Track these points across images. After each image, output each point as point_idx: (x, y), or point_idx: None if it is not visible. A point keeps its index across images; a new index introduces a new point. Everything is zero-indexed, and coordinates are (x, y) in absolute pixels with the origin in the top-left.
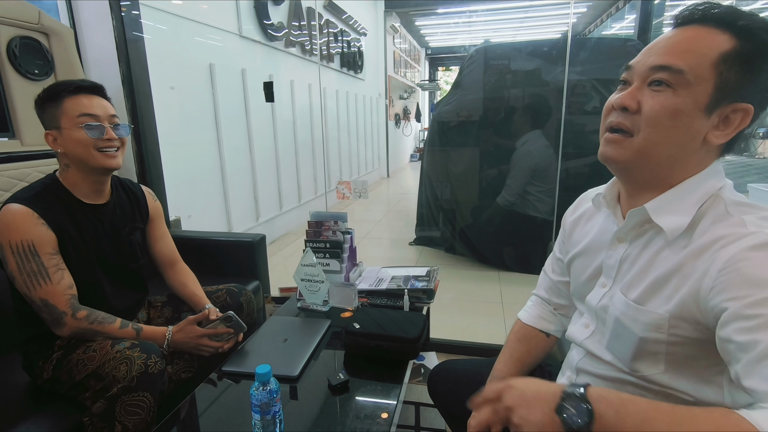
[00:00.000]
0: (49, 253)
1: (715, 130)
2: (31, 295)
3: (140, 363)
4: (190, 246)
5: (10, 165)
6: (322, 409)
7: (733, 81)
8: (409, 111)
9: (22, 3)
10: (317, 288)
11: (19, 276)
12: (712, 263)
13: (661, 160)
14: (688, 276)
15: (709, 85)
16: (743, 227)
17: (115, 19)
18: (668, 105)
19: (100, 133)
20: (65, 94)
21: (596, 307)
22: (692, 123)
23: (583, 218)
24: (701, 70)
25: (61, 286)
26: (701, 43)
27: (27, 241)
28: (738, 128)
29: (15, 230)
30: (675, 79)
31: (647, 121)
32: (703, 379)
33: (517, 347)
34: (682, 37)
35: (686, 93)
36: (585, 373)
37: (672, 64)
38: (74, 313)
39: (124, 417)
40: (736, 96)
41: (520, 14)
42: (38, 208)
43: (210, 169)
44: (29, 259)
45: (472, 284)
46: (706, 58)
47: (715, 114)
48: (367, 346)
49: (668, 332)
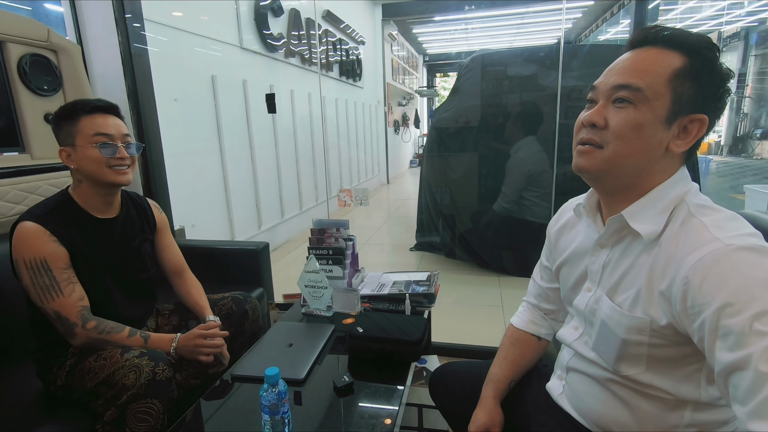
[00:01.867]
0: (61, 267)
1: (676, 140)
2: (44, 307)
3: (148, 371)
4: (195, 254)
5: (21, 178)
6: (327, 411)
7: (687, 95)
8: (408, 117)
9: (32, 21)
10: (321, 294)
11: (33, 289)
12: (678, 270)
13: (628, 168)
14: (659, 281)
15: (666, 99)
16: (706, 231)
17: (120, 34)
18: (631, 119)
19: (113, 151)
20: (82, 113)
21: (584, 311)
22: (654, 134)
23: (566, 227)
24: (657, 87)
25: (72, 299)
26: (655, 62)
27: (39, 258)
28: (696, 137)
29: (28, 247)
30: (635, 96)
31: (614, 134)
32: (681, 378)
33: (511, 350)
34: (638, 58)
35: (646, 108)
36: (574, 371)
37: (631, 83)
38: (84, 324)
39: (134, 424)
40: (691, 108)
41: (516, 21)
42: (50, 225)
43: (213, 178)
44: (42, 273)
45: (473, 288)
46: (660, 76)
47: (675, 125)
48: (370, 349)
49: (649, 335)
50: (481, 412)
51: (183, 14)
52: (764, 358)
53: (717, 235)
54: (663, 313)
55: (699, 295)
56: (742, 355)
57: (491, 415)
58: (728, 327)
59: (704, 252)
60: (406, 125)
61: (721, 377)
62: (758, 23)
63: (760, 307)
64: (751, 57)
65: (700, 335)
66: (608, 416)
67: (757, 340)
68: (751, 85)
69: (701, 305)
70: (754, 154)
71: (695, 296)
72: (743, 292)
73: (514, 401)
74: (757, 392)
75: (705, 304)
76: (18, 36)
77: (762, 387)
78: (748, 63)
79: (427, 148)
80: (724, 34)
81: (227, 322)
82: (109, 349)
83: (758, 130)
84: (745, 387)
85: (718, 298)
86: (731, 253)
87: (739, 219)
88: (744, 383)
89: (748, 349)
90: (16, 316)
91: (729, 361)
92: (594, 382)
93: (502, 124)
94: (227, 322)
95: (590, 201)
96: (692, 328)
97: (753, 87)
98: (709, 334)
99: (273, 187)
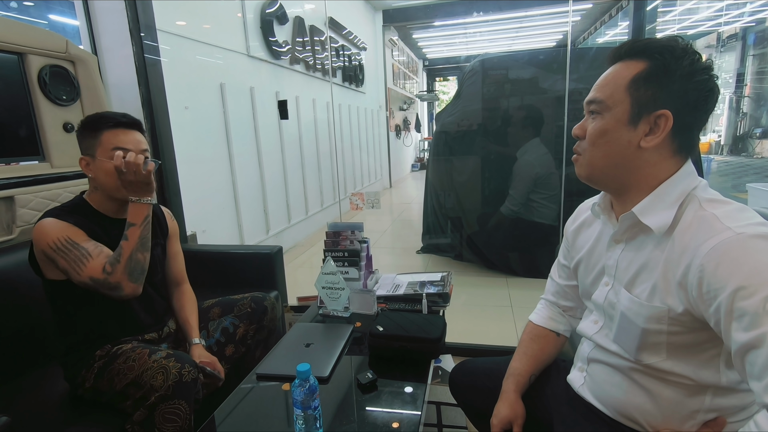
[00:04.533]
0: (84, 240)
1: (646, 137)
2: (81, 278)
3: (175, 372)
4: (210, 259)
5: (41, 186)
6: (353, 407)
7: (647, 95)
8: (409, 122)
9: (51, 33)
10: (338, 295)
11: (69, 267)
12: (693, 258)
13: (609, 169)
14: (675, 272)
15: (626, 104)
16: (717, 222)
17: (134, 44)
18: (597, 127)
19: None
20: (105, 127)
21: (603, 304)
22: (620, 136)
23: (583, 226)
24: (617, 96)
25: (100, 259)
26: (617, 75)
27: (63, 238)
28: (665, 130)
29: (50, 233)
30: (600, 107)
31: (588, 142)
32: (701, 363)
33: (531, 346)
34: (606, 74)
35: (609, 115)
36: (595, 362)
37: (596, 97)
38: (107, 271)
39: (162, 425)
40: (654, 106)
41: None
42: (68, 218)
43: (222, 184)
44: (70, 249)
45: (482, 289)
46: (619, 86)
47: (643, 123)
48: (391, 347)
49: (668, 324)
50: (503, 405)
51: (192, 24)
52: None
53: (729, 225)
54: (680, 301)
55: (714, 280)
56: (757, 334)
57: (513, 408)
58: (743, 309)
59: (717, 240)
60: (407, 129)
61: (738, 357)
62: (756, 23)
63: None
64: (749, 57)
65: (717, 318)
66: (630, 404)
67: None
68: (750, 85)
69: (717, 290)
70: (754, 153)
71: (710, 282)
72: (756, 276)
73: (534, 395)
74: None
75: (720, 288)
76: (38, 48)
77: None
78: (747, 63)
79: (432, 152)
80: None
81: (247, 320)
82: (138, 351)
83: (758, 129)
84: (761, 363)
85: (732, 282)
86: (743, 241)
87: (749, 210)
88: (760, 360)
89: (762, 328)
90: (42, 323)
91: (745, 341)
92: (616, 372)
93: (506, 126)
94: (247, 320)
95: (604, 200)
96: (709, 313)
97: (752, 86)
98: (725, 317)
99: (280, 192)
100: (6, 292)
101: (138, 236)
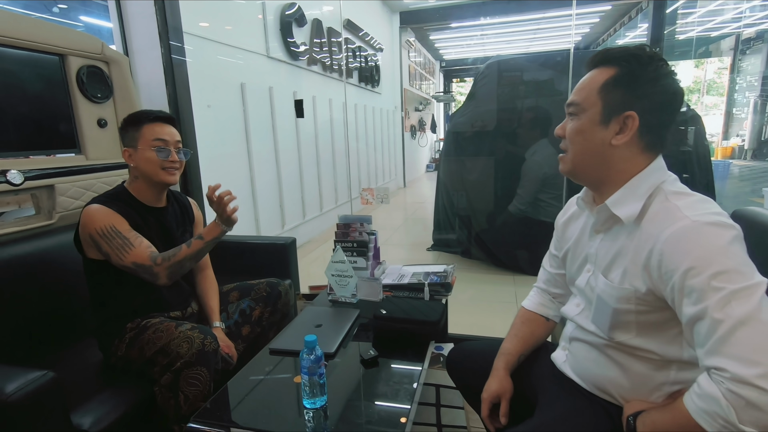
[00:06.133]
0: (126, 229)
1: (617, 135)
2: (124, 263)
3: (198, 342)
4: (229, 249)
5: (78, 177)
6: (356, 379)
7: (615, 98)
8: (425, 122)
9: (89, 36)
10: (346, 282)
11: (112, 252)
12: (654, 244)
13: (586, 165)
14: (641, 256)
15: (598, 106)
16: (678, 212)
17: (163, 46)
18: (574, 127)
19: (167, 155)
20: (146, 121)
21: (584, 289)
22: (593, 135)
23: (572, 219)
24: (590, 99)
25: (143, 247)
26: (591, 80)
27: (108, 225)
28: (632, 130)
29: (97, 220)
30: (576, 109)
31: (568, 141)
32: (667, 340)
33: (522, 328)
34: (582, 79)
35: (584, 116)
36: (576, 341)
37: (574, 100)
38: (155, 261)
39: (185, 388)
40: (623, 107)
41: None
42: (112, 206)
43: (241, 180)
44: (114, 236)
45: (488, 286)
46: (592, 90)
47: (613, 123)
48: (393, 329)
49: (635, 304)
50: (493, 381)
51: (215, 26)
52: (718, 307)
53: (687, 214)
54: (643, 282)
55: (670, 262)
56: (701, 307)
57: (502, 384)
58: (692, 286)
59: (675, 228)
60: (423, 130)
61: (688, 328)
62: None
63: (716, 268)
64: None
65: (672, 296)
66: (605, 377)
67: (713, 294)
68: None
69: (672, 271)
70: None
71: (667, 264)
72: (704, 258)
73: (523, 373)
74: (711, 335)
75: (675, 269)
76: (77, 49)
77: (716, 330)
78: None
79: (444, 152)
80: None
81: (263, 303)
82: (166, 324)
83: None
84: (703, 332)
85: (684, 263)
86: (697, 228)
87: (709, 201)
88: (703, 329)
89: (706, 302)
90: (78, 299)
91: (692, 314)
92: (593, 349)
93: (517, 128)
94: (263, 303)
95: (586, 195)
96: (666, 292)
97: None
98: (677, 294)
99: (296, 189)
100: (47, 272)
101: (198, 249)
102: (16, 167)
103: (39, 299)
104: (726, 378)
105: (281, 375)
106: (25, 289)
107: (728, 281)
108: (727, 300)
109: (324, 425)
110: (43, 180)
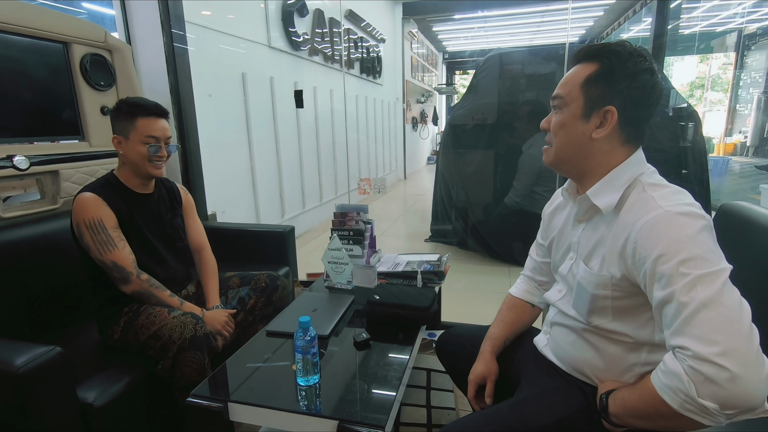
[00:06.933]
0: (113, 227)
1: (596, 129)
2: (103, 259)
3: (191, 327)
4: (228, 236)
5: (81, 163)
6: (348, 360)
7: (596, 93)
8: (426, 114)
9: (93, 24)
10: (342, 269)
11: (93, 245)
12: (630, 233)
13: (568, 157)
14: (617, 245)
15: (580, 100)
16: (653, 202)
17: (165, 35)
18: (558, 120)
19: (156, 150)
20: (140, 115)
21: (567, 276)
22: (575, 128)
23: (557, 209)
24: (573, 93)
25: (125, 252)
26: (575, 75)
27: (97, 218)
28: (611, 123)
29: (87, 210)
30: (560, 102)
31: (553, 133)
32: (640, 324)
33: (508, 314)
34: (567, 74)
35: (567, 110)
36: (556, 325)
37: (558, 94)
38: (139, 275)
39: (182, 368)
40: (603, 102)
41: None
42: (103, 195)
43: (242, 169)
44: (100, 231)
45: (483, 277)
46: (576, 85)
47: (594, 117)
48: (385, 314)
49: (611, 289)
50: (479, 364)
51: (217, 14)
52: (684, 291)
53: (660, 204)
54: (619, 269)
55: (643, 249)
56: (669, 291)
57: (488, 367)
58: (661, 272)
59: (649, 217)
60: (424, 122)
61: (657, 311)
62: None
63: (684, 255)
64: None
65: (644, 282)
66: (582, 359)
67: (680, 279)
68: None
69: (644, 258)
70: None
71: (640, 251)
72: (673, 245)
73: (508, 357)
74: (677, 317)
75: (647, 256)
76: (81, 38)
77: (681, 312)
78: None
79: (442, 144)
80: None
81: (260, 293)
82: (159, 309)
83: None
84: (670, 315)
85: (655, 250)
86: (669, 217)
87: (683, 193)
88: (670, 312)
89: (673, 286)
90: (81, 281)
91: (661, 297)
92: (572, 332)
93: (515, 121)
94: (259, 293)
95: (570, 186)
96: (639, 278)
97: None
98: (648, 279)
99: (296, 178)
100: (51, 255)
101: (172, 304)
102: (22, 153)
103: (44, 280)
104: (688, 356)
105: (278, 357)
106: (31, 270)
107: (694, 267)
108: (693, 285)
109: (316, 402)
110: (48, 165)
